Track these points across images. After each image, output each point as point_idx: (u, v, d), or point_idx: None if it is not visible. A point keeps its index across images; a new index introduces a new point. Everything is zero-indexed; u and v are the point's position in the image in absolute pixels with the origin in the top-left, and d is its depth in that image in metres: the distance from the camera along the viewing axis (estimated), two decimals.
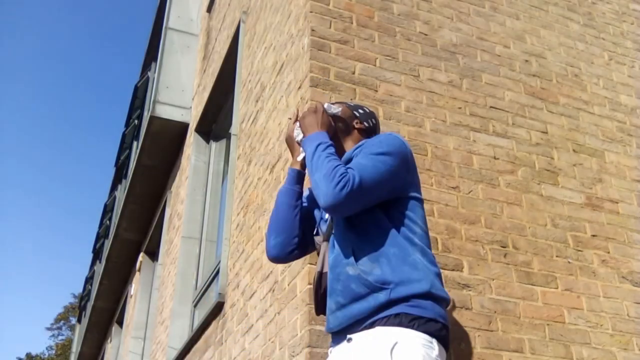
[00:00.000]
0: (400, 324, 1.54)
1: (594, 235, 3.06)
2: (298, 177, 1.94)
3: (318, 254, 1.82)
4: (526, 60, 3.55)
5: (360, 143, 1.82)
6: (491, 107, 3.25)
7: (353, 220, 1.68)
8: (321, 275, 1.73)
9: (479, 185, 2.93)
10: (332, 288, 1.69)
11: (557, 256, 2.89)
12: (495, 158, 3.07)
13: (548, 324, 2.67)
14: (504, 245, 2.80)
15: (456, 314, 2.52)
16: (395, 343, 1.50)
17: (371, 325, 1.58)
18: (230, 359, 3.32)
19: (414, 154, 1.83)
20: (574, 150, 3.34)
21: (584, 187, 3.21)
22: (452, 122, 3.08)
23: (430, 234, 2.68)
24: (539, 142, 3.26)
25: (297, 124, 1.94)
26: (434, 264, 1.71)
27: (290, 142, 1.99)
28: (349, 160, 1.76)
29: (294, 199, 1.91)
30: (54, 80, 66.93)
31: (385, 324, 1.55)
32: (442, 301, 1.64)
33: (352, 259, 1.64)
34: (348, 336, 1.63)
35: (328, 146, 1.71)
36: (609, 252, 3.04)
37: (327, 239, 1.79)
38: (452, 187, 2.86)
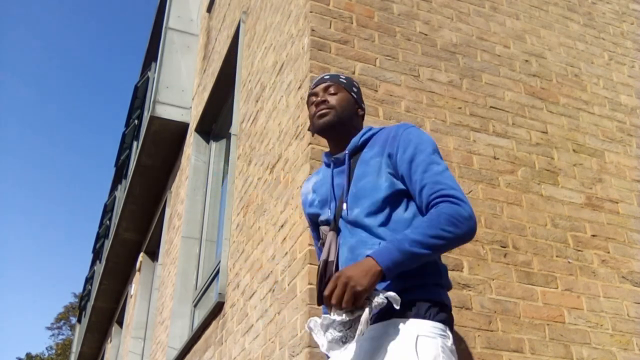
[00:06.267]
0: (417, 315, 1.52)
1: (594, 235, 3.06)
2: None
3: (323, 243, 1.79)
4: (526, 60, 3.55)
5: (383, 135, 1.78)
6: (491, 107, 3.25)
7: (380, 208, 1.67)
8: (326, 264, 1.68)
9: (479, 185, 2.93)
10: None
11: (557, 256, 2.89)
12: (495, 158, 3.07)
13: (548, 324, 2.67)
14: (504, 245, 2.80)
15: (456, 314, 2.52)
16: (417, 336, 1.48)
17: (384, 317, 1.54)
18: (230, 359, 3.32)
19: None
20: (574, 150, 3.34)
21: (584, 187, 3.21)
22: (452, 122, 3.08)
23: None
24: (539, 142, 3.26)
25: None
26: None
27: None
28: (359, 149, 1.79)
29: None
30: (55, 80, 66.97)
31: (401, 315, 1.52)
32: (449, 288, 1.69)
33: (376, 240, 1.64)
34: None
35: (404, 240, 1.54)
36: (609, 252, 3.04)
37: (334, 229, 1.75)
38: None
